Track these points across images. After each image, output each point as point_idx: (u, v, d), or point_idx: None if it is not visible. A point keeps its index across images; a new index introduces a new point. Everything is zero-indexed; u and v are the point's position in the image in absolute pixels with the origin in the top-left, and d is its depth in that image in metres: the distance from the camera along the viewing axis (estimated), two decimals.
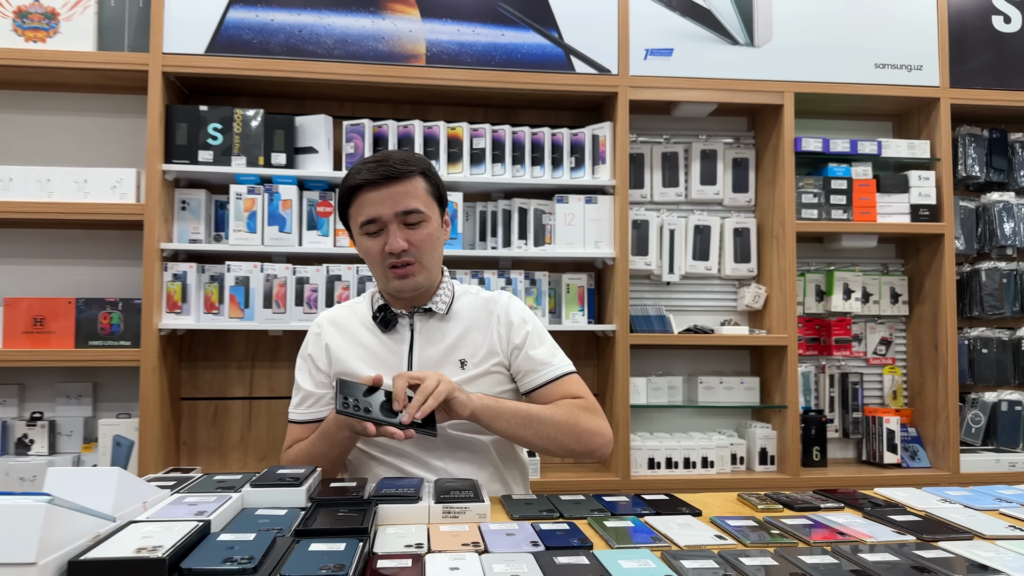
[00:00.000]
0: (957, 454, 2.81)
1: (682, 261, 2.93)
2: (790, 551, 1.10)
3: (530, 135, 2.74)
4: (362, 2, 2.61)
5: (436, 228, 1.60)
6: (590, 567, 1.01)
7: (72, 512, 0.94)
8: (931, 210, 2.88)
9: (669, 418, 2.98)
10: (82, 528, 0.95)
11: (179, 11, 2.56)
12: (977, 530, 1.23)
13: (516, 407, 1.53)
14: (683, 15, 2.75)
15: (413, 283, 1.57)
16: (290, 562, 0.95)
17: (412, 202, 1.54)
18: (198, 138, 2.59)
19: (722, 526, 1.24)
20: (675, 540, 1.15)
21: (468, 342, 1.62)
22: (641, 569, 1.00)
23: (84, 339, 2.56)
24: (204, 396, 2.81)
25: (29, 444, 2.63)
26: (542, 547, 1.10)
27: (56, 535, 0.88)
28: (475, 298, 1.68)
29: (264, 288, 2.59)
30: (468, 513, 1.24)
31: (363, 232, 1.56)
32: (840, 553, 1.09)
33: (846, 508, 1.40)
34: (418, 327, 1.63)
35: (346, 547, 1.00)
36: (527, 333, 1.63)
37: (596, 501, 1.39)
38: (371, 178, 1.52)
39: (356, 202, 1.55)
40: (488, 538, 1.13)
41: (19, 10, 2.54)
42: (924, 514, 1.34)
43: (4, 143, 2.74)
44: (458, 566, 1.00)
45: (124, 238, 2.73)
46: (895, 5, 2.86)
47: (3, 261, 2.73)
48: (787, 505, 1.41)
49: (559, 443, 1.54)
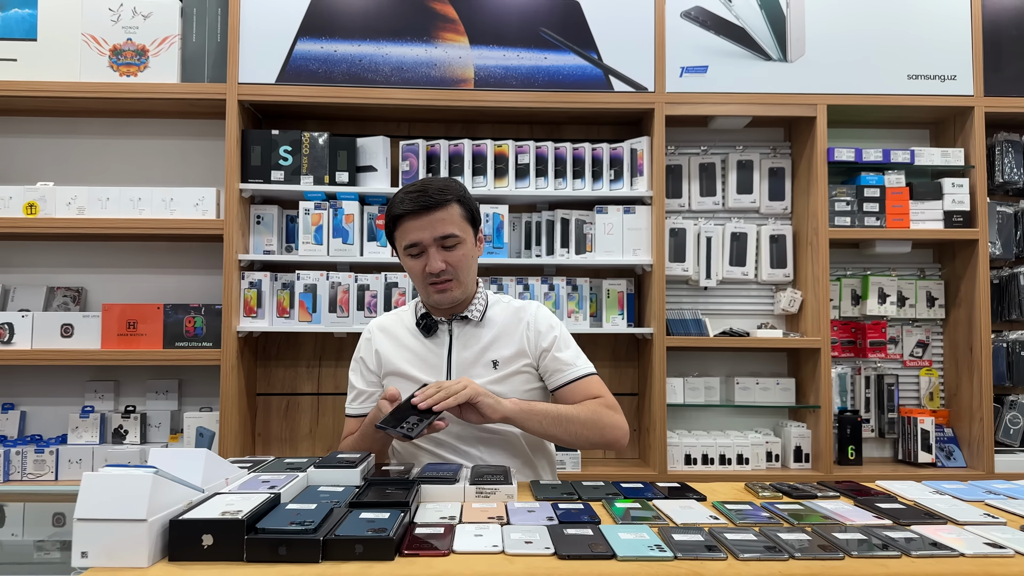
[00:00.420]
0: (991, 454, 2.87)
1: (719, 267, 3.07)
2: (774, 529, 1.26)
3: (571, 150, 2.93)
4: (416, 32, 2.85)
5: (470, 248, 1.80)
6: (592, 536, 1.20)
7: (171, 482, 1.18)
8: (965, 216, 2.95)
9: (707, 417, 3.12)
10: (179, 495, 1.19)
11: (252, 45, 2.83)
12: (953, 517, 1.36)
13: (546, 409, 1.72)
14: (717, 33, 2.90)
15: (451, 297, 1.78)
16: (344, 526, 1.16)
17: (448, 228, 1.74)
18: (271, 159, 2.86)
19: (720, 509, 1.40)
20: (673, 519, 1.33)
21: (500, 345, 1.82)
22: (636, 540, 1.19)
23: (171, 340, 2.85)
24: (277, 392, 3.09)
25: (124, 434, 2.95)
26: (556, 521, 1.29)
27: (160, 499, 1.12)
28: (507, 307, 1.88)
29: (329, 294, 2.85)
30: (498, 493, 1.44)
31: (407, 254, 1.78)
32: (817, 532, 1.25)
33: (841, 497, 1.54)
34: (456, 332, 1.84)
35: (390, 516, 1.22)
36: (554, 338, 1.83)
37: (613, 487, 1.57)
38: (412, 208, 1.73)
39: (400, 228, 1.77)
40: (512, 513, 1.33)
41: (115, 48, 2.86)
42: (912, 503, 1.48)
43: (101, 165, 3.07)
44: (482, 533, 1.21)
45: (206, 250, 3.02)
46: (928, 18, 2.94)
47: (101, 271, 3.06)
48: (786, 493, 1.56)
49: (584, 438, 1.73)
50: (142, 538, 1.07)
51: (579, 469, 2.86)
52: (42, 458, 2.82)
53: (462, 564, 1.09)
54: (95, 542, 1.07)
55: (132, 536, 1.07)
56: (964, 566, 1.11)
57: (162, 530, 1.11)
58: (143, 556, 1.07)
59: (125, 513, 1.08)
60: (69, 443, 2.88)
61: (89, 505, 1.08)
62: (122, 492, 1.09)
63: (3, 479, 2.77)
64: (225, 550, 1.09)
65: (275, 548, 1.09)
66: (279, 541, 1.10)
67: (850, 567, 1.10)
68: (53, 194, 2.81)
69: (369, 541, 1.11)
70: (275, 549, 1.09)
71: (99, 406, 2.98)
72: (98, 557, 1.07)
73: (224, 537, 1.10)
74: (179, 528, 1.11)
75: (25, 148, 3.06)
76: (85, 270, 3.06)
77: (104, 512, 1.08)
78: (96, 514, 1.08)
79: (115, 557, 1.07)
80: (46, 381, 3.02)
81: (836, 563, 1.11)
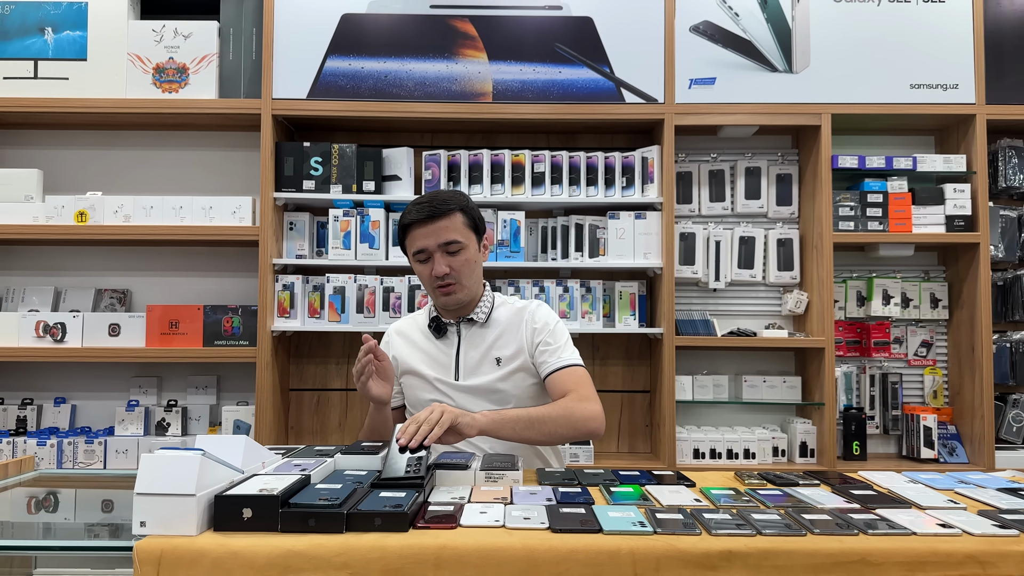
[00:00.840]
0: (992, 450, 2.97)
1: (728, 269, 3.20)
2: (750, 510, 1.41)
3: (585, 159, 3.08)
4: (438, 49, 3.02)
5: (474, 253, 1.95)
6: (584, 514, 1.35)
7: (216, 463, 1.35)
8: (966, 220, 3.05)
9: (716, 413, 3.26)
10: (222, 475, 1.37)
11: (285, 62, 3.02)
12: (918, 502, 1.49)
13: (517, 415, 1.79)
14: (725, 47, 3.02)
15: (455, 299, 1.94)
16: (365, 502, 1.33)
17: (452, 234, 1.90)
18: (302, 169, 3.05)
19: (706, 493, 1.55)
20: (661, 501, 1.48)
21: (502, 343, 1.98)
22: (622, 517, 1.34)
23: (210, 339, 3.05)
24: (308, 388, 3.28)
25: (166, 427, 3.16)
26: (554, 502, 1.45)
27: (206, 478, 1.30)
28: (511, 307, 2.03)
29: (357, 296, 3.03)
30: (505, 478, 1.59)
31: (415, 260, 1.95)
32: (789, 513, 1.39)
33: (821, 485, 1.67)
34: (464, 333, 2.00)
35: (406, 495, 1.38)
36: (547, 331, 1.97)
37: (611, 474, 1.72)
38: (418, 217, 1.89)
39: (409, 236, 1.94)
40: (515, 495, 1.49)
41: (157, 67, 3.07)
42: (884, 491, 1.61)
43: (145, 176, 3.28)
44: (487, 511, 1.37)
45: (242, 254, 3.22)
46: (930, 28, 3.03)
47: (146, 274, 3.28)
48: (771, 481, 1.70)
49: (559, 435, 1.82)
50: (191, 510, 1.25)
51: (592, 461, 3.01)
52: (91, 448, 3.04)
53: (467, 536, 1.25)
54: (152, 513, 1.25)
55: (183, 508, 1.25)
56: (913, 543, 1.24)
57: (208, 504, 1.28)
58: (192, 525, 1.24)
59: (177, 488, 1.26)
60: (116, 435, 3.09)
61: (147, 482, 1.26)
62: (175, 471, 1.27)
63: (57, 467, 2.99)
64: (262, 521, 1.26)
65: (305, 520, 1.26)
66: (308, 514, 1.27)
67: (810, 542, 1.24)
68: (101, 203, 3.02)
69: (386, 515, 1.28)
70: (305, 521, 1.26)
71: (143, 400, 3.20)
72: (154, 526, 1.25)
73: (261, 510, 1.27)
74: (223, 502, 1.28)
75: (76, 160, 3.29)
76: (130, 273, 3.28)
77: (160, 487, 1.26)
78: (153, 489, 1.26)
79: (169, 526, 1.24)
80: (94, 377, 3.24)
81: (798, 539, 1.25)
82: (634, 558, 1.20)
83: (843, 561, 1.21)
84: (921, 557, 1.21)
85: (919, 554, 1.21)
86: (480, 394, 1.96)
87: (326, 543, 1.21)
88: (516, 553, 1.20)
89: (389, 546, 1.21)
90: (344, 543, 1.21)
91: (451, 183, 3.08)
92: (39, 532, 1.68)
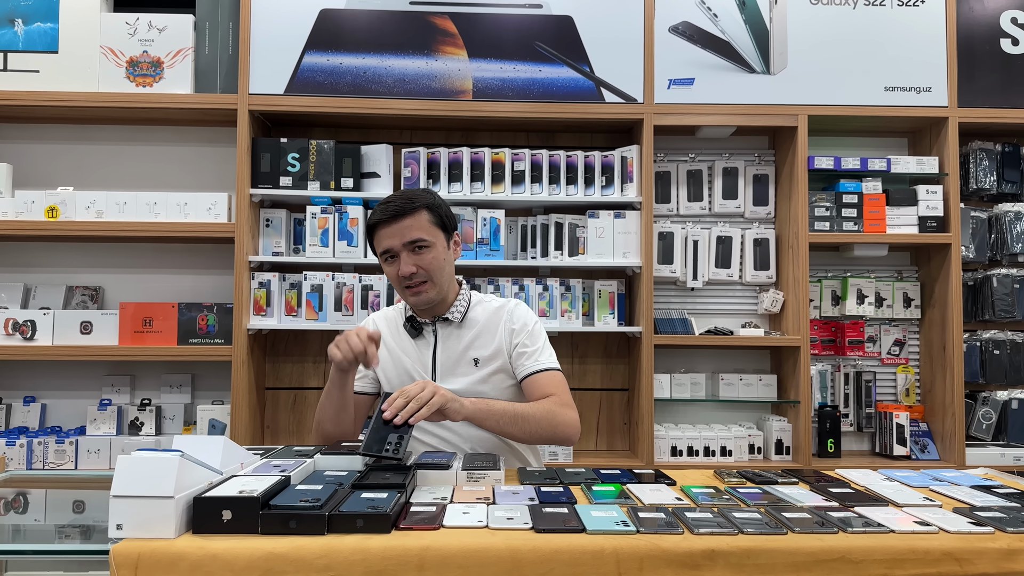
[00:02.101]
0: (963, 447, 3.02)
1: (705, 269, 3.22)
2: (730, 509, 1.41)
3: (565, 158, 3.08)
4: (417, 46, 3.00)
5: (442, 251, 1.91)
6: (567, 514, 1.35)
7: (195, 465, 1.34)
8: (939, 221, 3.09)
9: (693, 411, 3.28)
10: (201, 476, 1.35)
11: (262, 57, 2.99)
12: (894, 499, 1.51)
13: (504, 408, 1.79)
14: (704, 47, 3.04)
15: (425, 298, 1.90)
16: (346, 503, 1.32)
17: (416, 233, 1.86)
18: (279, 165, 3.02)
19: (687, 492, 1.56)
20: (643, 500, 1.48)
21: (480, 344, 1.96)
22: (605, 516, 1.34)
23: (185, 337, 3.01)
24: (285, 387, 3.25)
25: (140, 426, 3.11)
26: (537, 501, 1.44)
27: (185, 479, 1.28)
28: (487, 306, 2.01)
29: (335, 294, 3.01)
30: (487, 478, 1.59)
31: (383, 259, 1.92)
32: (769, 512, 1.40)
33: (800, 483, 1.69)
34: (440, 333, 1.98)
35: (387, 495, 1.37)
36: (526, 333, 1.95)
37: (592, 473, 1.72)
38: (382, 217, 1.86)
39: (376, 237, 1.90)
40: (498, 495, 1.48)
41: (131, 60, 3.02)
42: (862, 488, 1.63)
43: (119, 171, 3.23)
44: (469, 511, 1.36)
45: (218, 251, 3.18)
46: (904, 32, 3.07)
47: (118, 271, 3.23)
48: (750, 479, 1.71)
49: (538, 435, 1.83)
50: (169, 513, 1.23)
51: (570, 460, 3.02)
52: (62, 448, 2.99)
53: (450, 537, 1.24)
54: (129, 516, 1.23)
55: (161, 511, 1.23)
56: (892, 540, 1.26)
57: (187, 506, 1.26)
58: (170, 528, 1.22)
59: (155, 491, 1.24)
60: (88, 434, 3.04)
61: (124, 484, 1.24)
62: (152, 472, 1.25)
63: (27, 468, 2.93)
64: (242, 524, 1.25)
65: (286, 522, 1.25)
66: (289, 516, 1.25)
67: (791, 541, 1.25)
68: (73, 198, 2.97)
69: (368, 516, 1.27)
70: (286, 523, 1.25)
71: (116, 399, 3.15)
72: (131, 529, 1.22)
73: (241, 512, 1.25)
74: (202, 504, 1.26)
75: (47, 154, 3.23)
76: (102, 270, 3.23)
77: (137, 490, 1.23)
78: (130, 491, 1.23)
79: (146, 529, 1.22)
80: (65, 375, 3.19)
81: (779, 537, 1.26)
82: (618, 558, 1.20)
83: (824, 559, 1.22)
84: (900, 555, 1.22)
85: (897, 551, 1.23)
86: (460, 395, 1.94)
87: (308, 545, 1.20)
88: (500, 554, 1.20)
89: (372, 548, 1.20)
90: (326, 545, 1.20)
91: (430, 181, 3.07)
92: (9, 535, 1.64)
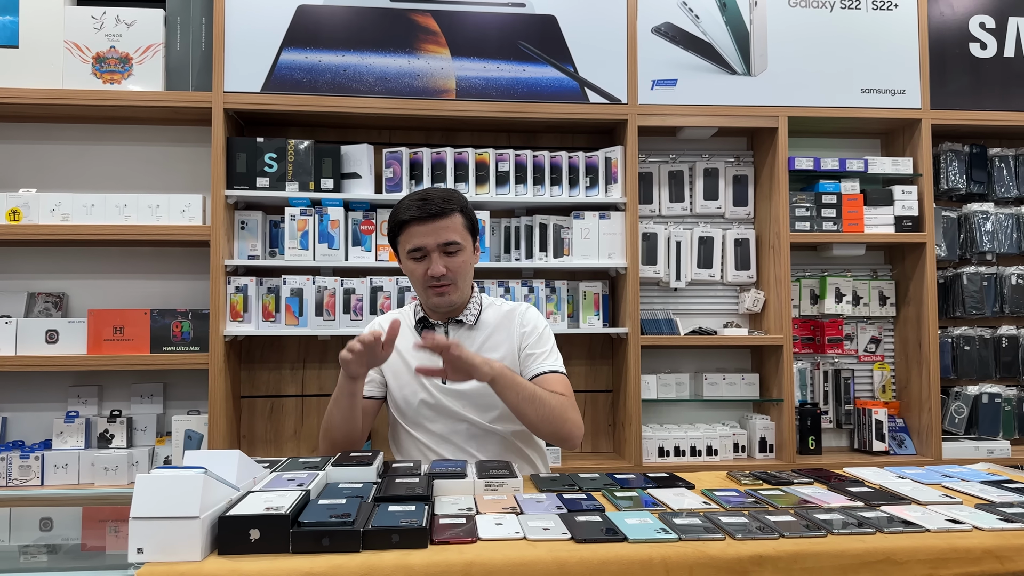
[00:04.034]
0: (939, 442, 3.09)
1: (688, 269, 3.23)
2: (761, 512, 1.41)
3: (549, 158, 3.06)
4: (399, 44, 2.94)
5: (469, 255, 1.92)
6: (602, 523, 1.33)
7: (216, 482, 1.27)
8: (914, 221, 3.17)
9: (677, 411, 3.29)
10: (221, 494, 1.28)
11: (237, 54, 2.89)
12: (916, 498, 1.52)
13: (525, 383, 1.80)
14: (686, 49, 3.05)
15: (448, 300, 1.90)
16: (377, 517, 1.27)
17: (451, 235, 1.86)
18: (256, 166, 2.92)
19: (710, 496, 1.55)
20: (671, 505, 1.47)
21: (492, 346, 1.94)
22: (642, 524, 1.32)
23: (158, 345, 2.89)
24: (262, 395, 3.15)
25: (110, 438, 2.97)
26: (565, 510, 1.42)
27: (208, 497, 1.21)
28: (499, 309, 2.00)
29: (316, 298, 2.93)
30: (505, 486, 1.55)
31: (409, 257, 1.89)
32: (800, 514, 1.39)
33: (815, 483, 1.70)
34: (452, 335, 1.95)
35: (416, 508, 1.32)
36: (536, 336, 1.95)
37: (609, 478, 1.70)
38: (419, 215, 1.84)
39: (405, 233, 1.88)
40: (523, 504, 1.45)
41: (98, 56, 2.89)
42: (878, 487, 1.64)
43: (85, 172, 3.08)
44: (502, 522, 1.32)
45: (192, 255, 3.06)
46: (880, 36, 3.14)
47: (87, 277, 3.08)
48: (766, 480, 1.71)
49: (548, 422, 1.80)
50: (195, 534, 1.16)
51: (559, 463, 2.99)
52: (27, 464, 2.84)
53: (491, 549, 1.20)
54: (150, 539, 1.16)
55: (186, 532, 1.16)
56: (931, 540, 1.26)
57: (211, 526, 1.20)
58: (196, 550, 1.16)
59: (179, 511, 1.17)
60: (54, 448, 2.90)
61: (145, 504, 1.17)
62: (175, 492, 1.18)
63: None
64: (271, 543, 1.19)
65: (319, 540, 1.19)
66: (322, 533, 1.20)
67: (833, 543, 1.24)
68: (37, 201, 2.83)
69: (405, 531, 1.22)
70: (319, 540, 1.19)
71: (83, 411, 3.00)
72: (154, 552, 1.15)
73: (270, 531, 1.19)
74: (228, 524, 1.20)
75: (7, 154, 3.06)
76: (67, 276, 3.08)
77: (159, 511, 1.16)
78: (152, 512, 1.16)
79: (170, 552, 1.15)
80: (29, 387, 3.03)
81: (820, 540, 1.25)
82: (667, 567, 1.18)
83: (869, 561, 1.22)
84: (943, 554, 1.23)
85: (940, 551, 1.23)
86: (468, 397, 1.91)
87: (345, 563, 1.15)
88: (547, 567, 1.17)
89: (413, 564, 1.16)
90: (365, 563, 1.16)
91: (413, 182, 3.01)
92: None
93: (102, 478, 2.87)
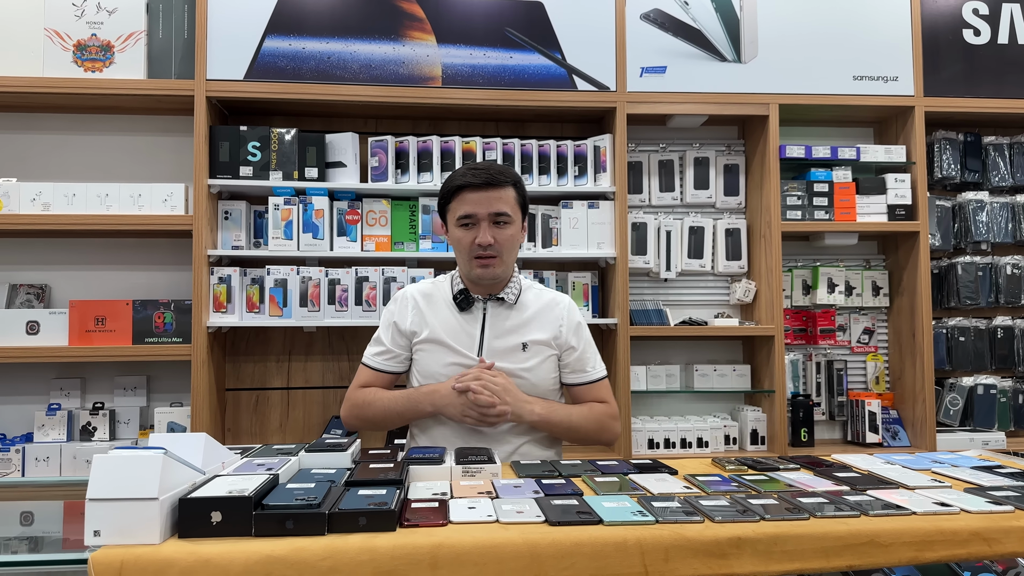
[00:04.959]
0: (934, 433, 3.05)
1: (678, 259, 3.19)
2: (743, 496, 1.36)
3: (537, 147, 3.02)
4: (384, 31, 2.90)
5: (517, 231, 1.91)
6: (578, 505, 1.28)
7: (178, 464, 1.23)
8: (907, 210, 3.13)
9: (668, 403, 3.25)
10: (184, 476, 1.24)
11: (220, 42, 2.85)
12: (904, 482, 1.48)
13: (564, 419, 1.91)
14: (675, 35, 3.01)
15: (492, 272, 1.88)
16: (345, 500, 1.23)
17: (503, 206, 1.85)
18: (239, 155, 2.88)
19: (692, 480, 1.50)
20: (650, 489, 1.42)
21: (530, 330, 1.92)
22: (619, 507, 1.28)
23: (141, 336, 2.85)
24: (246, 387, 3.10)
25: (92, 431, 2.93)
26: (542, 494, 1.37)
27: (168, 479, 1.17)
28: (539, 294, 1.99)
29: (300, 289, 2.88)
30: (483, 472, 1.51)
31: (458, 224, 1.87)
32: (783, 497, 1.35)
33: (801, 468, 1.66)
34: (490, 311, 1.93)
35: (387, 492, 1.28)
36: (585, 340, 1.98)
37: (590, 464, 1.66)
38: (474, 182, 1.84)
39: (457, 199, 1.87)
40: (499, 489, 1.41)
41: (78, 43, 2.84)
42: (866, 472, 1.60)
43: (67, 162, 3.04)
44: (475, 506, 1.28)
45: (174, 246, 3.02)
46: (872, 22, 3.10)
47: (68, 267, 3.04)
48: (751, 466, 1.67)
49: (586, 442, 1.99)
50: (154, 516, 1.12)
51: None
52: (7, 456, 2.80)
53: (461, 532, 1.16)
54: (107, 521, 1.12)
55: (144, 514, 1.12)
56: (917, 522, 1.22)
57: (171, 508, 1.16)
58: (155, 533, 1.12)
59: (137, 492, 1.13)
60: (36, 441, 2.86)
61: (101, 486, 1.13)
62: (134, 472, 1.14)
63: None
64: (234, 526, 1.15)
65: (282, 522, 1.15)
66: (286, 516, 1.16)
67: (815, 526, 1.20)
68: (17, 190, 2.78)
69: (371, 513, 1.18)
70: (282, 523, 1.15)
71: (66, 403, 2.96)
72: (111, 535, 1.11)
73: (232, 513, 1.15)
74: (189, 506, 1.16)
75: None
76: (49, 267, 3.03)
77: (116, 492, 1.12)
78: (109, 494, 1.12)
79: (128, 535, 1.11)
80: (9, 379, 2.99)
81: (802, 522, 1.21)
82: (642, 549, 1.14)
83: (852, 543, 1.18)
84: (928, 536, 1.19)
85: (926, 533, 1.20)
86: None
87: (309, 546, 1.11)
88: (517, 548, 1.13)
89: (379, 547, 1.11)
90: (329, 545, 1.11)
91: (399, 170, 2.97)
92: None
93: (84, 471, 2.82)
